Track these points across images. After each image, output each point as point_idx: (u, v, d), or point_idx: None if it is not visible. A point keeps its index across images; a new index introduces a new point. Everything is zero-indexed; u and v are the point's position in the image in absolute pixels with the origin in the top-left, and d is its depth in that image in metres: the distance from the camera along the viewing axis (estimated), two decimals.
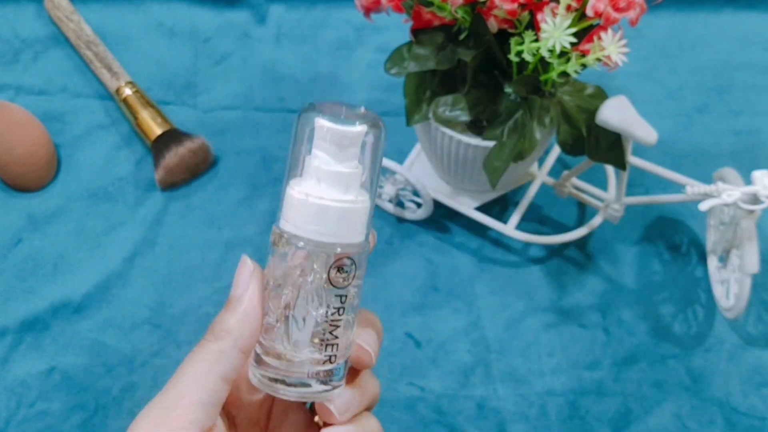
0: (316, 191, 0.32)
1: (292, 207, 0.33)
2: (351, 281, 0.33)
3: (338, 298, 0.33)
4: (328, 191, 0.32)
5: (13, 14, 0.83)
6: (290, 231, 0.33)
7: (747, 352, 0.63)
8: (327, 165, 0.32)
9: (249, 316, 0.33)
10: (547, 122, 0.55)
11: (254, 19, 0.84)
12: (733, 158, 0.74)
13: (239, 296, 0.33)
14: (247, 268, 0.34)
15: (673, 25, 0.84)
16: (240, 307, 0.33)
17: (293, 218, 0.33)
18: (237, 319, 0.33)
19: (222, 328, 0.33)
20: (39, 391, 0.61)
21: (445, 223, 0.70)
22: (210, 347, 0.33)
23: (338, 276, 0.32)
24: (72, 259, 0.67)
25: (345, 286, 0.33)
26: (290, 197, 0.33)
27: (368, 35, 0.83)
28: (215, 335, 0.33)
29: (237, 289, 0.34)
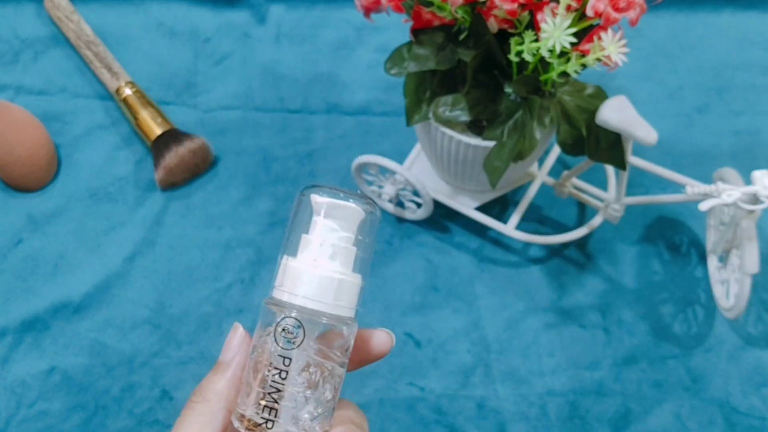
0: (300, 257, 0.34)
1: (280, 273, 0.35)
2: (297, 345, 0.33)
3: (281, 359, 0.33)
4: (308, 257, 0.34)
5: (13, 14, 0.83)
6: (273, 294, 0.34)
7: (747, 352, 0.63)
8: (315, 235, 0.34)
9: (236, 378, 0.36)
10: (547, 122, 0.55)
11: (254, 19, 0.84)
12: (733, 158, 0.74)
13: (228, 361, 0.36)
14: (238, 335, 0.36)
15: (673, 25, 0.84)
16: (228, 371, 0.36)
17: (278, 282, 0.34)
18: (226, 382, 0.36)
19: (211, 390, 0.36)
20: (39, 391, 0.61)
21: (445, 223, 0.70)
22: (201, 409, 0.35)
23: (282, 337, 0.33)
24: (72, 259, 0.67)
25: (288, 348, 0.33)
26: (280, 266, 0.35)
27: (368, 35, 0.83)
28: (204, 397, 0.35)
29: (227, 353, 0.36)
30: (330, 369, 0.34)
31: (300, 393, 0.34)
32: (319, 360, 0.34)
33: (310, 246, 0.34)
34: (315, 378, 0.34)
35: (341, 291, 0.33)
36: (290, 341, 0.33)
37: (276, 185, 0.72)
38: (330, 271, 0.33)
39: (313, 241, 0.34)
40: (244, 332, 0.36)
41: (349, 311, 0.34)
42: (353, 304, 0.34)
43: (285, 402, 0.33)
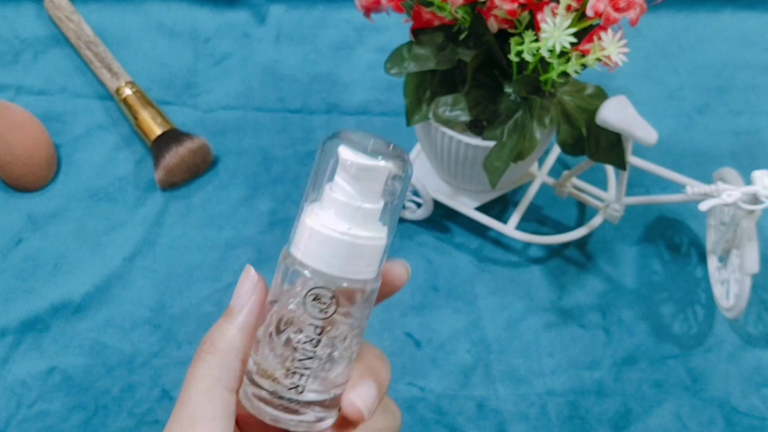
0: (326, 219, 0.32)
1: (300, 231, 0.32)
2: (329, 315, 0.32)
3: (313, 328, 0.32)
4: (342, 224, 0.31)
5: (13, 14, 0.83)
6: (294, 254, 0.32)
7: (747, 352, 0.63)
8: (346, 198, 0.32)
9: (249, 327, 0.33)
10: (547, 122, 0.55)
11: (254, 19, 0.84)
12: (733, 158, 0.74)
13: (240, 307, 0.33)
14: (250, 280, 0.34)
15: (673, 25, 0.84)
16: (239, 319, 0.33)
17: (300, 242, 0.32)
18: (237, 330, 0.33)
19: (222, 338, 0.33)
20: (39, 391, 0.61)
21: (445, 223, 0.70)
22: (211, 360, 0.33)
23: (314, 305, 0.32)
24: (72, 259, 0.67)
25: (321, 318, 0.32)
26: (301, 223, 0.33)
27: (368, 35, 0.83)
28: (215, 346, 0.33)
29: (238, 299, 0.34)
30: (358, 326, 0.33)
31: (329, 356, 0.32)
32: (348, 321, 0.32)
33: (336, 206, 0.31)
34: (343, 339, 0.32)
35: (368, 255, 0.32)
36: (323, 311, 0.32)
37: (276, 185, 0.72)
38: (358, 237, 0.31)
39: (338, 201, 0.31)
40: (256, 276, 0.34)
41: (374, 272, 0.33)
42: (379, 264, 0.33)
43: (314, 366, 0.32)
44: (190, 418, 0.32)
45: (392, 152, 0.32)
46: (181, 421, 0.32)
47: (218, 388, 0.32)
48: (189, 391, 0.33)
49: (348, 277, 0.32)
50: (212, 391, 0.32)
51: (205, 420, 0.32)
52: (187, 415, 0.32)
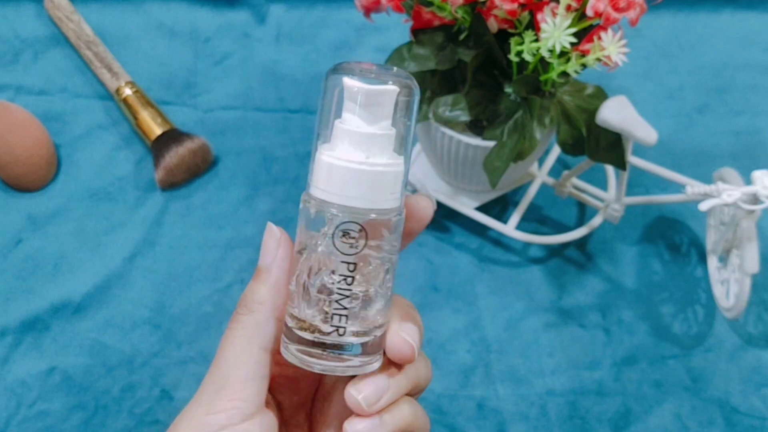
0: (341, 154, 0.31)
1: (316, 169, 0.32)
2: (360, 249, 0.31)
3: (345, 265, 0.31)
4: (353, 154, 0.31)
5: (13, 14, 0.83)
6: (313, 194, 0.32)
7: (747, 352, 0.63)
8: (354, 126, 0.31)
9: (280, 284, 0.33)
10: (547, 122, 0.55)
11: (254, 19, 0.84)
12: (733, 158, 0.74)
13: (268, 265, 0.33)
14: (273, 236, 0.33)
15: (673, 25, 0.84)
16: (270, 277, 0.33)
17: (319, 181, 0.32)
18: (268, 289, 0.33)
19: (254, 299, 0.33)
20: (39, 391, 0.61)
21: (445, 223, 0.70)
22: (245, 321, 0.32)
23: (343, 241, 0.31)
24: (72, 259, 0.67)
25: (352, 254, 0.31)
26: (317, 161, 0.32)
27: (368, 35, 0.83)
28: (248, 307, 0.33)
29: (265, 257, 0.33)
30: (389, 260, 0.32)
31: (366, 293, 0.32)
32: (379, 255, 0.32)
33: (349, 138, 0.31)
34: (378, 274, 0.32)
35: (389, 183, 0.32)
36: (353, 246, 0.31)
37: (276, 185, 0.72)
38: (377, 164, 0.31)
39: (351, 132, 0.31)
40: (279, 231, 0.33)
41: (398, 200, 0.32)
42: (401, 192, 0.32)
43: (352, 306, 0.31)
44: (223, 378, 0.32)
45: (396, 75, 0.32)
46: (214, 381, 0.32)
47: (253, 348, 0.32)
48: (224, 352, 0.32)
49: (372, 207, 0.31)
50: (247, 352, 0.32)
51: (238, 380, 0.32)
52: (219, 376, 0.32)
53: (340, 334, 0.31)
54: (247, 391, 0.32)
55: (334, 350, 0.32)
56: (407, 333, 0.33)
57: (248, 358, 0.32)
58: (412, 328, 0.33)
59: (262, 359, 0.32)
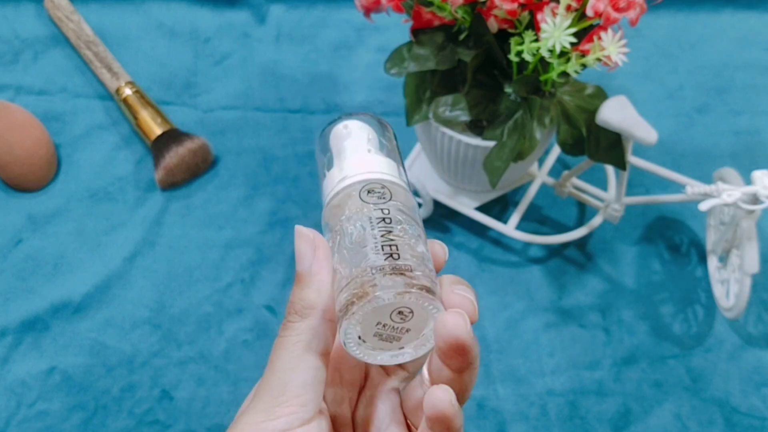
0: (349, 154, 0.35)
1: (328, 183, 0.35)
2: (388, 199, 0.32)
3: (379, 211, 0.32)
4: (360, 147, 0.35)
5: (13, 14, 0.83)
6: (326, 200, 0.34)
7: (747, 352, 0.63)
8: (351, 150, 0.34)
9: (325, 284, 0.32)
10: (547, 122, 0.55)
11: (254, 19, 0.84)
12: (733, 158, 0.74)
13: (308, 268, 0.32)
14: (305, 239, 0.33)
15: (673, 25, 0.84)
16: (313, 280, 0.32)
17: (327, 190, 0.34)
18: (315, 292, 0.32)
19: (304, 305, 0.32)
20: (39, 391, 0.61)
21: (445, 223, 0.70)
22: (299, 327, 0.32)
23: (371, 196, 0.32)
24: (72, 259, 0.67)
25: (383, 203, 0.32)
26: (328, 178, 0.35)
27: (368, 35, 0.83)
28: (300, 314, 0.32)
29: (303, 262, 0.32)
30: (417, 231, 0.33)
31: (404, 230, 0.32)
32: (404, 217, 0.33)
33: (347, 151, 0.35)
34: (409, 238, 0.32)
35: (393, 167, 0.34)
36: (381, 197, 0.32)
37: (276, 185, 0.72)
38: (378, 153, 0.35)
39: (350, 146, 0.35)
40: (312, 232, 0.33)
41: (404, 181, 0.34)
42: (405, 180, 0.35)
43: (397, 234, 0.32)
44: (281, 384, 0.31)
45: (367, 116, 0.36)
46: (271, 388, 0.31)
47: (310, 353, 0.32)
48: (279, 359, 0.32)
49: (387, 177, 0.34)
50: (304, 357, 0.32)
51: (296, 386, 0.31)
52: (277, 382, 0.31)
53: (395, 258, 0.31)
54: (306, 396, 0.31)
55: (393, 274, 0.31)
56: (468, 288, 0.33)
57: (306, 364, 0.32)
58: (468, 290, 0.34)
59: (319, 365, 0.32)
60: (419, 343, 0.32)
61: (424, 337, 0.32)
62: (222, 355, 0.62)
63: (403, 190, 0.34)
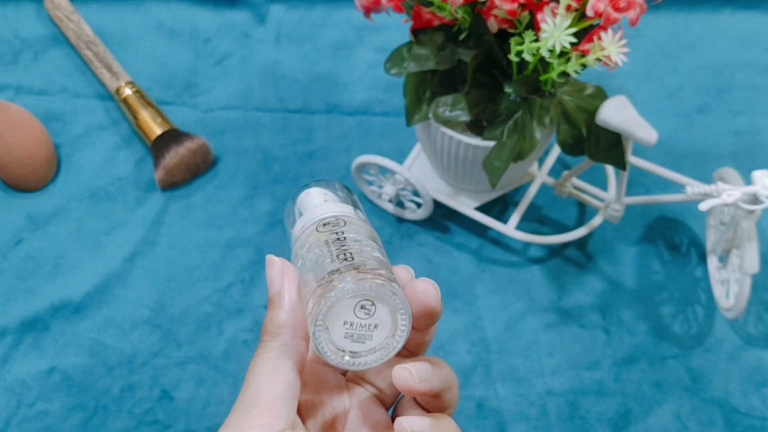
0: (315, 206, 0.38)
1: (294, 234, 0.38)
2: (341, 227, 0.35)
3: (333, 234, 0.35)
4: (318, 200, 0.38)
5: (13, 14, 0.83)
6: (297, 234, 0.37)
7: (747, 352, 0.63)
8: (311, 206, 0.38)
9: (295, 305, 0.34)
10: (547, 122, 0.55)
11: (254, 19, 0.84)
12: (733, 158, 0.74)
13: (278, 291, 0.35)
14: (275, 266, 0.35)
15: (673, 25, 0.84)
16: (283, 301, 0.34)
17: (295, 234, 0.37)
18: (285, 312, 0.34)
19: (276, 325, 0.34)
20: (39, 391, 0.61)
21: (445, 223, 0.70)
22: (272, 344, 0.34)
23: (325, 228, 0.36)
24: (72, 259, 0.67)
25: (335, 231, 0.35)
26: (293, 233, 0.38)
27: (368, 35, 0.83)
28: (272, 334, 0.34)
29: (273, 286, 0.35)
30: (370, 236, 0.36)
31: (359, 243, 0.34)
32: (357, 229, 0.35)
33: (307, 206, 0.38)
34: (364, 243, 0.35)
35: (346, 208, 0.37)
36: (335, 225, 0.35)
37: (276, 185, 0.72)
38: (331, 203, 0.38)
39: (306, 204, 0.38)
40: (280, 260, 0.36)
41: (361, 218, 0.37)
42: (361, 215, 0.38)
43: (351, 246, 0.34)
44: (253, 397, 0.33)
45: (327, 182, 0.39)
46: (246, 402, 0.33)
47: (282, 368, 0.33)
48: (253, 374, 0.34)
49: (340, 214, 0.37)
50: (277, 371, 0.33)
51: (268, 398, 0.33)
52: (250, 395, 0.33)
53: (349, 260, 0.33)
54: (278, 407, 0.33)
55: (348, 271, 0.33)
56: (428, 282, 0.35)
57: (278, 377, 0.33)
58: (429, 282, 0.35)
59: (291, 379, 0.33)
60: (390, 344, 0.34)
61: (394, 340, 0.34)
62: (222, 355, 0.62)
63: (360, 221, 0.37)
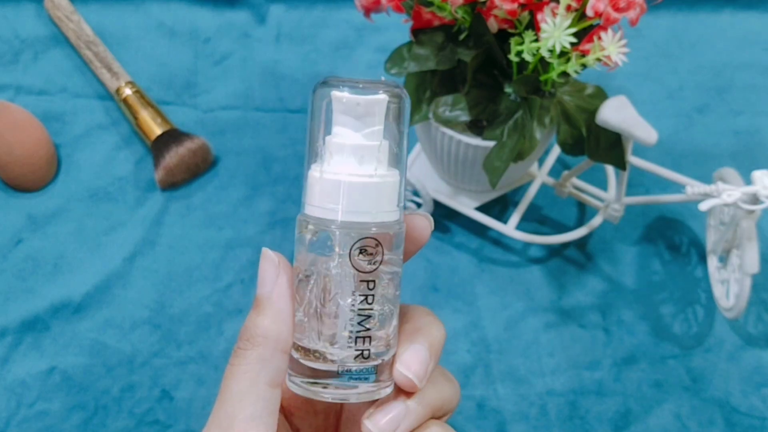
0: (337, 168, 0.30)
1: (312, 188, 0.30)
2: (377, 265, 0.30)
3: (365, 284, 0.29)
4: (349, 167, 0.30)
5: (13, 14, 0.83)
6: (311, 214, 0.30)
7: (747, 352, 0.63)
8: (346, 139, 0.30)
9: (283, 314, 0.30)
10: (547, 122, 0.55)
11: (254, 19, 0.84)
12: (733, 158, 0.74)
13: (268, 294, 0.31)
14: (271, 262, 0.31)
15: (673, 25, 0.84)
16: (271, 307, 0.31)
17: (314, 200, 0.30)
18: (270, 320, 0.30)
19: (257, 333, 0.30)
20: (39, 391, 0.61)
21: (445, 223, 0.70)
22: (249, 356, 0.30)
23: (361, 259, 0.30)
24: (72, 259, 0.67)
25: (371, 271, 0.30)
26: (310, 179, 0.31)
27: (368, 35, 0.83)
28: (251, 341, 0.30)
29: (264, 286, 0.31)
30: (398, 273, 0.31)
31: (382, 311, 0.30)
32: (390, 270, 0.30)
33: (348, 151, 0.30)
34: (390, 290, 0.31)
35: (392, 195, 0.31)
36: (371, 262, 0.30)
37: (276, 185, 0.72)
38: (383, 176, 0.30)
39: (349, 145, 0.30)
40: (277, 256, 0.31)
41: (399, 212, 0.31)
42: (400, 203, 0.31)
43: (373, 326, 0.30)
44: (229, 418, 0.30)
45: (385, 85, 0.31)
46: (219, 421, 0.30)
47: (259, 385, 0.30)
48: (227, 391, 0.30)
49: (379, 220, 0.30)
50: (252, 390, 0.30)
51: (243, 420, 0.30)
52: (225, 417, 0.30)
53: (365, 356, 0.30)
54: (255, 429, 0.30)
55: (346, 376, 0.30)
56: (405, 363, 0.31)
57: (254, 396, 0.30)
58: (416, 351, 0.31)
59: (269, 396, 0.30)
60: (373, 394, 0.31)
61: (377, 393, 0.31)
62: (222, 355, 0.62)
63: (392, 230, 0.31)
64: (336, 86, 0.31)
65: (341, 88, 0.31)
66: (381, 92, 0.30)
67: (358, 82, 0.31)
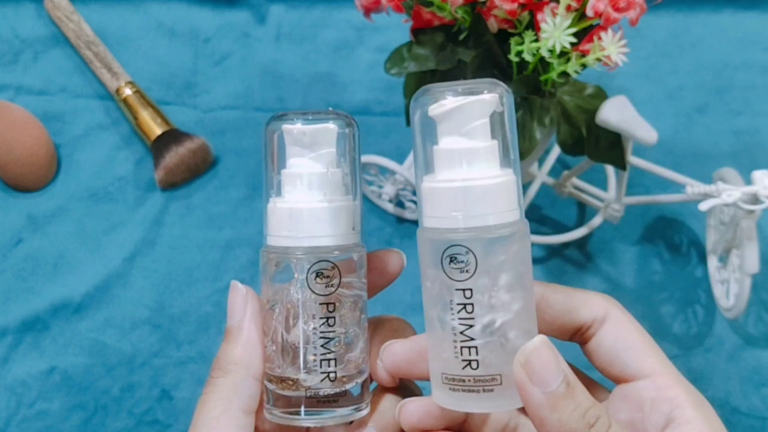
0: (289, 197, 0.32)
1: (269, 220, 0.32)
2: (335, 288, 0.31)
3: (324, 307, 0.31)
4: (301, 195, 0.32)
5: (13, 14, 0.83)
6: (271, 243, 0.32)
7: (747, 352, 0.63)
8: (297, 169, 0.32)
9: (252, 341, 0.32)
10: (547, 122, 0.55)
11: (254, 19, 0.84)
12: (733, 158, 0.74)
13: (237, 324, 0.32)
14: (239, 293, 0.32)
15: (673, 25, 0.84)
16: (241, 335, 0.32)
17: (272, 230, 0.32)
18: (241, 348, 0.31)
19: (228, 361, 0.31)
20: (39, 391, 0.61)
21: None
22: (221, 383, 0.31)
23: (319, 282, 0.31)
24: (72, 259, 0.67)
25: (329, 294, 0.31)
26: (268, 211, 0.32)
27: (368, 35, 0.83)
28: (222, 369, 0.31)
29: (233, 317, 0.32)
30: (361, 297, 0.32)
31: (346, 333, 0.31)
32: (351, 293, 0.32)
33: (297, 181, 0.32)
34: (354, 313, 0.32)
35: (349, 219, 0.32)
36: (329, 285, 0.31)
37: None
38: (334, 201, 0.31)
39: (295, 174, 0.32)
40: (245, 288, 0.32)
41: (358, 236, 0.32)
42: (357, 227, 0.33)
43: (336, 348, 0.31)
44: None
45: (334, 115, 0.32)
46: None
47: (231, 412, 0.31)
48: (200, 419, 0.31)
49: (337, 244, 0.31)
50: (225, 417, 0.31)
51: None
52: None
53: (332, 379, 0.31)
54: None
55: (322, 402, 0.31)
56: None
57: (228, 422, 0.30)
58: None
59: (243, 422, 0.31)
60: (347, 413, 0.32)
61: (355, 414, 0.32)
62: None
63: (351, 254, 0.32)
64: (286, 120, 0.32)
65: (291, 121, 0.32)
66: (329, 122, 0.32)
67: (307, 113, 0.32)
